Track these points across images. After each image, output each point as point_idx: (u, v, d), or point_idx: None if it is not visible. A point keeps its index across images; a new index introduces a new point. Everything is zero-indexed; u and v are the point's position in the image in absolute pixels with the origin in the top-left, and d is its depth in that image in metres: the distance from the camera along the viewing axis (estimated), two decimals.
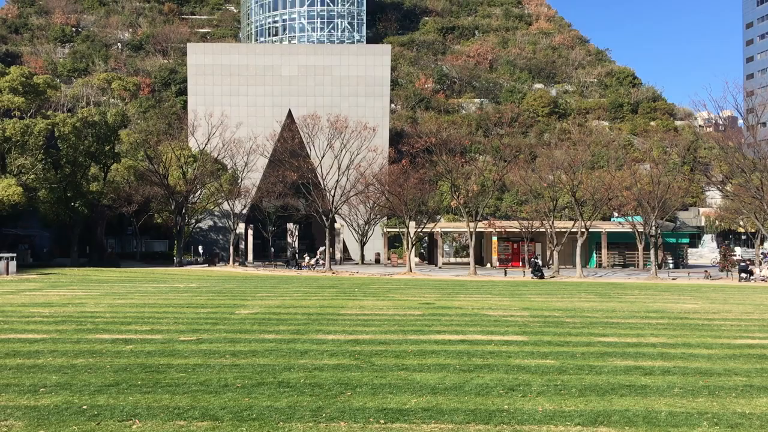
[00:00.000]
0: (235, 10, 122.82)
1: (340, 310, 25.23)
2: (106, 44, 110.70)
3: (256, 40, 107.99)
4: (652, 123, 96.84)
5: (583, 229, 54.33)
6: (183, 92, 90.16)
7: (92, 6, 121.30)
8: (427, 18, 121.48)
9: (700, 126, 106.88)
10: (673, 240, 67.97)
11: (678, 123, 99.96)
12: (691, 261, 73.25)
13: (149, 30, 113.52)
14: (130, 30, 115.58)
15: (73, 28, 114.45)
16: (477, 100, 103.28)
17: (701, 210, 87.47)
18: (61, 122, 57.33)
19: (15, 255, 50.18)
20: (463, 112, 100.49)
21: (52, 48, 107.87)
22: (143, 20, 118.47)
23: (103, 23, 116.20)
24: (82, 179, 61.36)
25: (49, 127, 56.38)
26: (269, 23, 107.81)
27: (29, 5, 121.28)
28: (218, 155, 67.49)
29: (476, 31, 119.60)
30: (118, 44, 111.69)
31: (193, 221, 71.89)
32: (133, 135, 68.83)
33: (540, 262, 53.53)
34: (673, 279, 50.12)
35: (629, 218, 60.31)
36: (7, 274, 46.84)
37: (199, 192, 67.69)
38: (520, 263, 65.22)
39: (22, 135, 54.23)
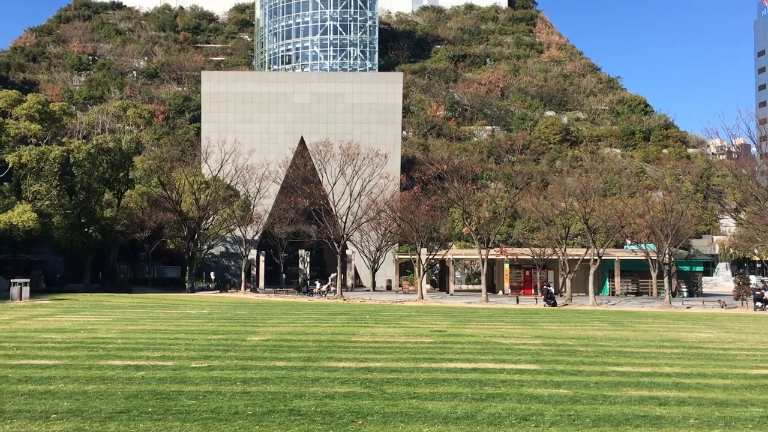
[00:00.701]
0: (249, 39, 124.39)
1: (351, 338, 25.13)
2: (122, 72, 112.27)
3: (270, 68, 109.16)
4: (665, 150, 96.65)
5: (596, 257, 54.03)
6: (197, 119, 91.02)
7: (109, 35, 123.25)
8: (438, 46, 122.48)
9: (712, 154, 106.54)
10: (687, 268, 67.42)
11: (690, 150, 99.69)
12: (705, 289, 72.54)
13: (164, 58, 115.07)
14: (146, 58, 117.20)
15: (90, 57, 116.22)
16: (488, 128, 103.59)
17: (715, 238, 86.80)
18: (76, 149, 57.94)
19: (28, 280, 50.46)
20: (475, 139, 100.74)
21: (68, 76, 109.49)
22: (158, 49, 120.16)
23: (119, 52, 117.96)
24: (96, 205, 61.84)
25: (65, 153, 56.98)
26: (282, 51, 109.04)
27: (47, 34, 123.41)
28: (231, 182, 67.87)
29: (487, 59, 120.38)
30: (134, 72, 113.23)
31: (205, 247, 72.10)
32: (147, 161, 69.41)
33: (552, 290, 53.19)
34: (688, 307, 49.62)
35: (642, 246, 59.91)
36: (21, 299, 47.06)
37: (211, 218, 67.99)
38: (533, 291, 64.83)
39: (38, 161, 54.83)
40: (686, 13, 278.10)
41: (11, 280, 49.66)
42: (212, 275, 73.83)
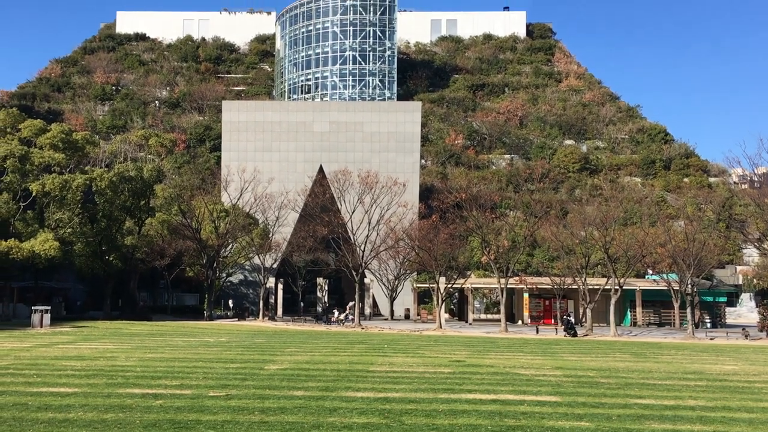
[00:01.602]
0: (269, 69, 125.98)
1: (369, 367, 24.96)
2: (145, 102, 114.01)
3: (290, 97, 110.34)
4: (686, 179, 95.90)
5: (617, 287, 53.44)
6: (217, 148, 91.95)
7: (132, 65, 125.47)
8: (457, 75, 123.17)
9: (734, 183, 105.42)
10: (710, 298, 66.42)
11: (712, 180, 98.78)
12: (729, 320, 71.38)
13: (186, 88, 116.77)
14: (168, 88, 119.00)
15: (114, 87, 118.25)
16: (507, 156, 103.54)
17: (738, 268, 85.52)
18: (99, 177, 58.70)
19: (49, 308, 50.88)
20: (494, 167, 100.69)
21: (92, 106, 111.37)
22: (181, 79, 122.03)
23: (142, 82, 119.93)
24: (117, 233, 62.42)
25: (87, 182, 57.74)
26: (302, 81, 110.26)
27: (72, 65, 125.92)
28: (250, 210, 68.29)
29: (506, 88, 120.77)
30: (156, 102, 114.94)
31: (224, 275, 72.37)
32: (167, 190, 70.11)
33: (573, 320, 52.64)
34: (711, 339, 48.81)
35: (664, 276, 59.22)
36: (41, 326, 47.42)
37: (230, 246, 68.31)
38: (552, 320, 64.15)
39: (61, 190, 55.58)
40: (705, 43, 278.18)
41: (32, 308, 50.12)
42: (230, 303, 73.97)
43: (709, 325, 62.72)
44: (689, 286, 53.35)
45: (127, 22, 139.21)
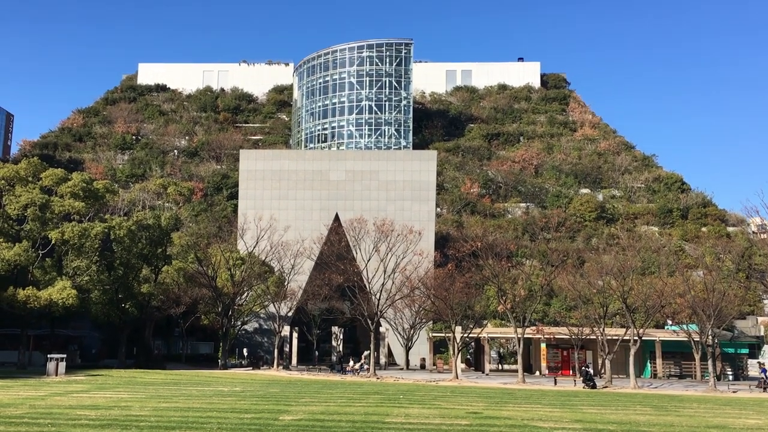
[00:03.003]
0: (286, 119, 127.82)
1: (385, 419, 24.61)
2: (164, 151, 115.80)
3: (306, 146, 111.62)
4: (703, 229, 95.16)
5: (636, 337, 52.67)
6: (234, 196, 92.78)
7: (152, 116, 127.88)
8: (472, 125, 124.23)
9: (753, 232, 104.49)
10: (731, 350, 65.20)
11: (730, 229, 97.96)
12: (751, 372, 69.87)
13: (204, 137, 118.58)
14: (187, 138, 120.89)
15: (134, 137, 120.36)
16: (523, 205, 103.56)
17: (759, 319, 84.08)
18: (117, 226, 59.26)
19: (65, 356, 50.89)
20: (509, 216, 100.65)
21: (112, 155, 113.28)
22: (199, 128, 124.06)
23: (162, 131, 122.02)
24: (133, 281, 62.68)
25: (106, 230, 58.30)
26: (319, 130, 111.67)
27: (94, 115, 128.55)
28: (266, 258, 68.43)
29: (521, 138, 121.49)
30: (175, 151, 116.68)
31: (239, 323, 72.17)
32: (184, 237, 70.56)
33: (591, 371, 51.79)
34: (734, 392, 47.74)
35: (684, 326, 58.34)
36: (56, 374, 47.36)
37: (246, 294, 68.29)
38: (571, 371, 63.15)
39: (80, 238, 56.14)
40: (719, 92, 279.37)
41: (48, 356, 50.15)
42: (245, 352, 73.57)
43: (730, 377, 61.43)
44: (710, 337, 52.47)
45: (149, 74, 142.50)
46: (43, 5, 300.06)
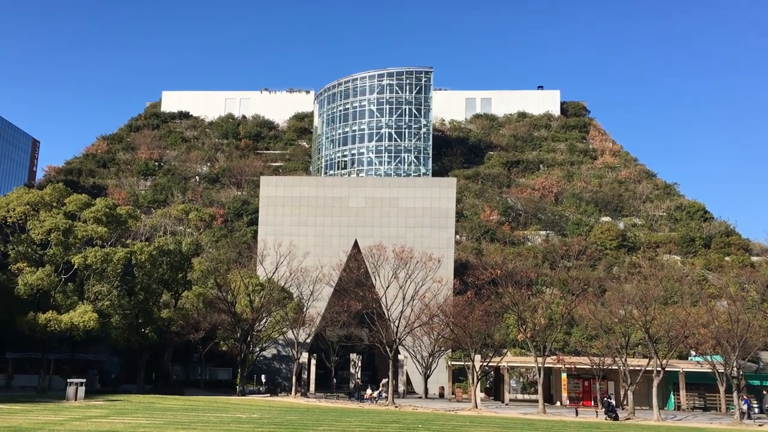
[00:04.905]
0: (306, 146, 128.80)
1: None
2: (185, 177, 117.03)
3: (326, 173, 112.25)
4: (727, 258, 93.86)
5: (659, 368, 51.83)
6: (254, 222, 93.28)
7: (175, 142, 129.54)
8: (491, 152, 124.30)
9: None
10: (756, 382, 63.89)
11: (755, 258, 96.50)
12: None
13: (226, 164, 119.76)
14: (208, 164, 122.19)
15: (156, 163, 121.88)
16: (543, 233, 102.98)
17: None
18: (139, 251, 59.74)
19: (84, 381, 51.07)
20: (529, 244, 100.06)
21: (135, 181, 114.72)
22: (221, 155, 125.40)
23: (184, 158, 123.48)
24: (153, 306, 62.98)
25: (128, 255, 58.80)
26: (339, 157, 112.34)
27: (118, 142, 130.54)
28: (285, 284, 68.50)
29: (541, 165, 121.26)
30: (196, 177, 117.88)
31: (258, 349, 72.11)
32: (204, 263, 70.92)
33: (614, 402, 50.95)
34: (760, 425, 46.68)
35: (708, 357, 57.30)
36: (75, 399, 47.50)
37: (264, 320, 68.28)
38: (592, 402, 62.19)
39: (102, 263, 56.67)
40: (739, 120, 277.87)
41: (68, 380, 50.37)
42: (263, 378, 73.36)
43: (756, 410, 60.13)
44: (735, 368, 51.48)
45: (172, 101, 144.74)
46: (72, 35, 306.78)
